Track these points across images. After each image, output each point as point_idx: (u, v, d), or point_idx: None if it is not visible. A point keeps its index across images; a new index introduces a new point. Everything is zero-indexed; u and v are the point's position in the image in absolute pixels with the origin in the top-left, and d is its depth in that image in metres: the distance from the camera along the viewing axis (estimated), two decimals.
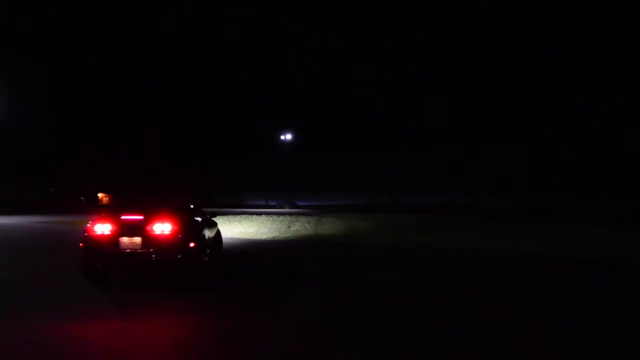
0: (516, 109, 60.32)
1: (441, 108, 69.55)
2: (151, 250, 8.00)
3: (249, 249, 14.48)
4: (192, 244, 8.33)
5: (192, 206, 9.74)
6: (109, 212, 8.46)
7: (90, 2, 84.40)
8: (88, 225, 8.29)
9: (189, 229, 8.48)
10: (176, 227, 8.11)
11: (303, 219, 27.97)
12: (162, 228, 8.03)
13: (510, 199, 47.83)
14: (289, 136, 59.34)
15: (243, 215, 31.87)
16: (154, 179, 61.13)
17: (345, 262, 12.17)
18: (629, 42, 58.65)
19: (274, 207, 56.25)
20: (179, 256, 8.12)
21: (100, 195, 75.88)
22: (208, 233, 9.69)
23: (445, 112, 68.36)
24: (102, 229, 8.03)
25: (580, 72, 60.18)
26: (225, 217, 28.51)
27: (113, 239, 7.98)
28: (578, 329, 5.96)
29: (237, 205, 57.09)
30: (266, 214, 36.67)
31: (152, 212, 8.22)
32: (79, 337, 5.64)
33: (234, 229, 20.83)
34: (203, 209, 10.33)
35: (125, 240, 7.99)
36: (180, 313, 6.79)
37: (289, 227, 22.09)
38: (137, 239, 7.98)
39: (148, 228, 8.01)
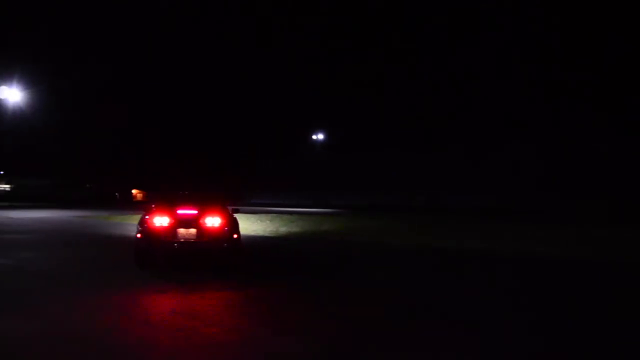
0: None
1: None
2: (204, 240, 9.14)
3: (277, 245, 14.67)
4: (235, 235, 9.52)
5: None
6: (165, 207, 9.36)
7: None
8: (146, 218, 9.25)
9: (232, 223, 9.61)
10: (224, 221, 9.34)
11: (332, 219, 28.16)
12: (213, 221, 9.22)
13: (538, 200, 47.16)
14: (320, 136, 59.54)
15: (274, 214, 32.28)
16: (186, 178, 62.17)
17: (363, 260, 12.17)
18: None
19: (307, 206, 56.56)
20: (226, 245, 9.33)
21: (134, 191, 77.82)
22: None
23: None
24: (161, 221, 9.06)
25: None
26: (256, 216, 28.96)
27: (172, 230, 9.04)
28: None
29: (270, 204, 57.72)
30: (298, 213, 37.08)
31: (204, 207, 9.38)
32: (156, 306, 6.88)
33: (266, 227, 21.13)
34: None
35: (182, 231, 9.07)
36: (229, 290, 7.90)
37: (320, 226, 22.31)
38: (193, 230, 9.09)
39: (201, 221, 9.15)
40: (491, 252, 13.44)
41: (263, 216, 29.26)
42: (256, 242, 15.20)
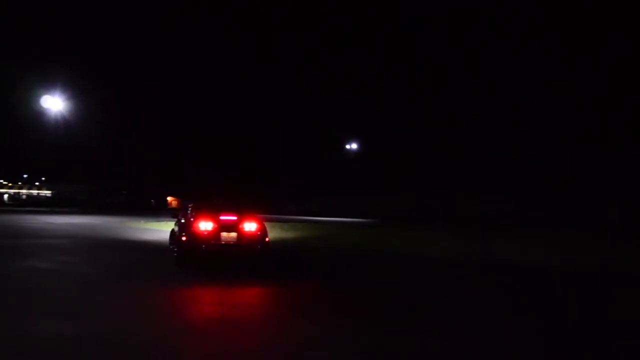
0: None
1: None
2: (243, 242, 10.29)
3: (305, 252, 14.63)
4: (267, 239, 10.81)
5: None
6: (209, 213, 10.43)
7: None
8: (191, 222, 10.36)
9: (264, 228, 10.84)
10: (259, 226, 10.58)
11: (363, 229, 27.93)
12: (250, 227, 10.42)
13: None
14: (354, 145, 59.31)
15: (306, 223, 32.29)
16: (219, 185, 62.84)
17: (369, 267, 12.07)
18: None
19: (326, 215, 56.35)
20: (259, 247, 10.52)
21: (169, 198, 79.21)
22: None
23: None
24: (206, 226, 10.13)
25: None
26: (290, 224, 29.01)
27: (216, 234, 10.13)
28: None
29: (304, 213, 57.78)
30: (322, 222, 37.04)
31: (242, 214, 10.55)
32: (206, 297, 8.07)
33: (299, 235, 21.09)
34: None
35: (224, 234, 10.19)
36: (264, 285, 9.21)
37: (345, 233, 22.15)
38: (234, 234, 10.24)
39: (240, 226, 10.32)
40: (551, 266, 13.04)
41: (297, 224, 29.26)
42: (289, 248, 15.24)
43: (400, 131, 66.98)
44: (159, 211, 48.78)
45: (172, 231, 13.59)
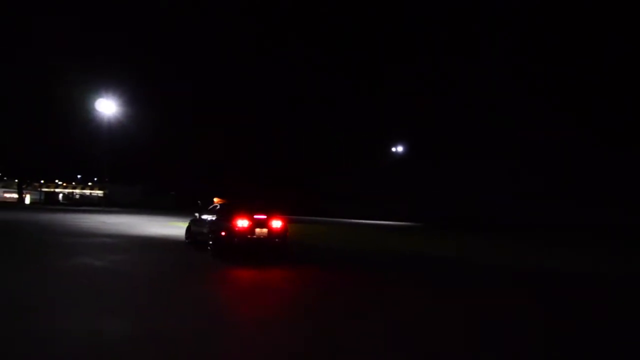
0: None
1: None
2: (271, 237, 12.37)
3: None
4: (287, 234, 12.95)
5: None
6: (245, 213, 12.27)
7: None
8: (231, 219, 12.15)
9: (286, 225, 12.85)
10: (283, 223, 12.67)
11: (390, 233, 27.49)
12: (276, 224, 12.49)
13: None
14: (400, 148, 58.82)
15: (338, 225, 32.10)
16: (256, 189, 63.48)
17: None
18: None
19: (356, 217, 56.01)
20: (280, 241, 12.58)
21: (215, 199, 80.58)
22: None
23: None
24: (243, 223, 12.09)
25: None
26: (325, 225, 29.01)
27: (251, 229, 12.15)
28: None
29: (342, 215, 57.57)
30: (363, 225, 36.82)
31: (270, 213, 12.57)
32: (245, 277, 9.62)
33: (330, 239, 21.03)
34: None
35: (257, 230, 12.22)
36: (283, 269, 11.41)
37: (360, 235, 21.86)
38: (265, 230, 12.31)
39: (269, 223, 12.39)
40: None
41: (344, 227, 29.18)
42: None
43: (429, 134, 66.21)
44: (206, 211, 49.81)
45: (189, 227, 15.96)
